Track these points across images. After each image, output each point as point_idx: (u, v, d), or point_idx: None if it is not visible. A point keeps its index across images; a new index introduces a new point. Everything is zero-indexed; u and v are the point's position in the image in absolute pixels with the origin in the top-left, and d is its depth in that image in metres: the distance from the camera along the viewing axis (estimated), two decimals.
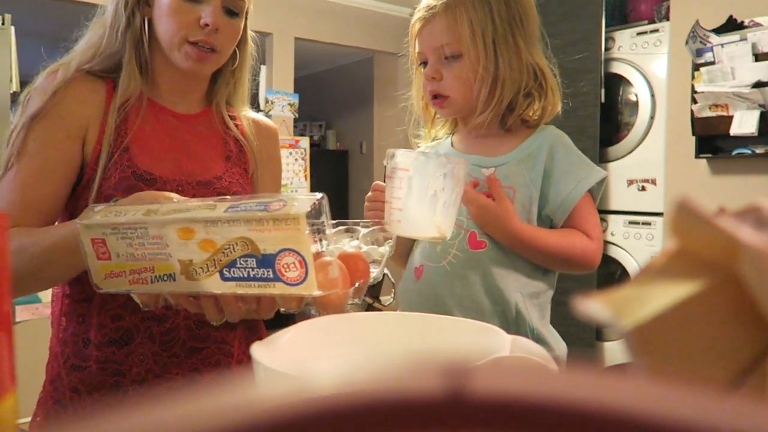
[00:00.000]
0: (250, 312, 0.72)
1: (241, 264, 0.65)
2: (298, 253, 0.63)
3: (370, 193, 1.00)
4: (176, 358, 0.88)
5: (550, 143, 1.01)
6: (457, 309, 0.97)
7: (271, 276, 0.65)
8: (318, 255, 0.67)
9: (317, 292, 0.64)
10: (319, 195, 0.66)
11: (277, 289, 0.65)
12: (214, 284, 0.68)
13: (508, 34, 0.97)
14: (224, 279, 0.67)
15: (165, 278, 0.70)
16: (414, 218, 0.89)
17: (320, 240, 0.67)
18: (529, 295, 0.99)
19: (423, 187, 0.88)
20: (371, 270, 0.75)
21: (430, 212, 0.89)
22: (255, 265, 0.65)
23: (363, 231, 0.84)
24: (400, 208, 0.89)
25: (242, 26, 0.96)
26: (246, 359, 0.91)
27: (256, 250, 0.64)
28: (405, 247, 1.08)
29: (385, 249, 0.81)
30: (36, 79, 0.90)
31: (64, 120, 0.87)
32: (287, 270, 0.64)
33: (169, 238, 0.68)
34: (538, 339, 0.99)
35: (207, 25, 0.88)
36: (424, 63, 1.03)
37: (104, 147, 0.88)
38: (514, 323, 0.97)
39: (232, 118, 1.03)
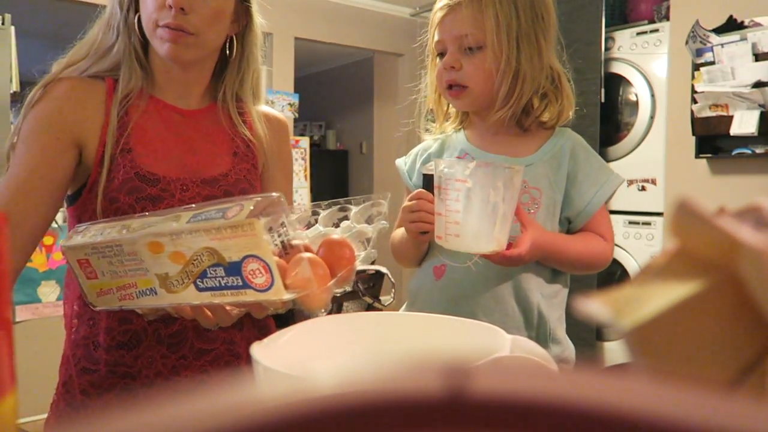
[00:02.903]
0: (242, 314, 0.72)
1: (211, 274, 0.65)
2: (261, 259, 0.62)
3: (411, 202, 0.95)
4: (184, 359, 0.88)
5: (572, 146, 1.01)
6: (480, 310, 0.96)
7: (241, 283, 0.64)
8: (293, 251, 0.66)
9: (287, 296, 0.63)
10: (275, 194, 0.65)
11: (249, 296, 0.64)
12: (191, 295, 0.68)
13: (531, 31, 0.97)
14: (199, 290, 0.67)
15: (148, 293, 0.71)
16: (475, 232, 0.86)
17: (282, 242, 0.66)
18: (549, 296, 1.00)
19: (484, 198, 0.85)
20: (360, 253, 0.74)
21: (490, 225, 0.85)
22: (224, 274, 0.65)
23: (354, 209, 0.82)
24: (457, 222, 0.85)
25: (225, 8, 0.91)
26: None
27: (222, 259, 0.64)
28: (420, 252, 1.05)
29: (377, 226, 0.79)
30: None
31: (54, 127, 0.85)
32: (254, 276, 0.63)
33: (143, 254, 0.68)
34: (555, 339, 0.99)
35: (170, 6, 0.85)
36: (441, 54, 1.01)
37: (107, 146, 0.87)
38: (535, 324, 0.98)
39: (242, 113, 1.00)
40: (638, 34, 2.93)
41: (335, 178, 5.93)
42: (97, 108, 0.89)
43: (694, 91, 2.59)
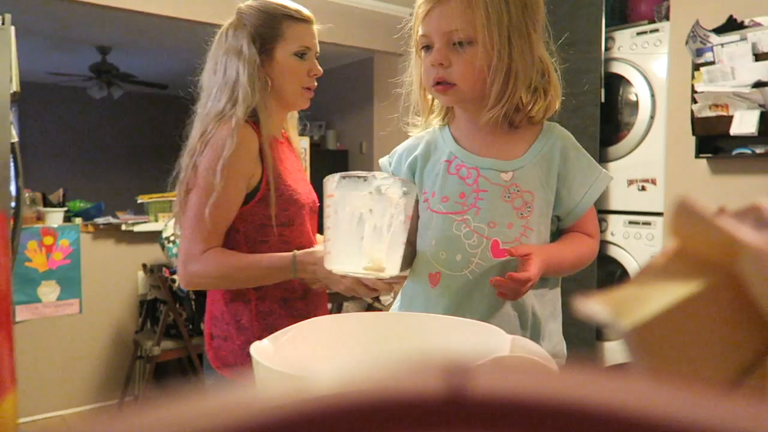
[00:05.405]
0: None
1: None
2: None
3: None
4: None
5: (562, 145, 1.00)
6: (476, 316, 0.94)
7: None
8: None
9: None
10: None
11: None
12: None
13: (522, 24, 0.93)
14: None
15: None
16: (340, 247, 0.84)
17: None
18: (540, 294, 1.00)
19: (348, 210, 0.83)
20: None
21: (356, 238, 0.83)
22: None
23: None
24: (329, 239, 0.85)
25: None
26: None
27: None
28: (409, 253, 1.06)
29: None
30: (208, 126, 1.25)
31: (241, 170, 1.23)
32: None
33: None
34: (546, 335, 0.99)
35: (316, 74, 1.32)
36: (426, 47, 0.97)
37: (270, 173, 1.25)
38: (529, 324, 0.98)
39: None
40: (638, 34, 2.93)
41: None
42: (256, 147, 1.26)
43: (694, 91, 2.59)
